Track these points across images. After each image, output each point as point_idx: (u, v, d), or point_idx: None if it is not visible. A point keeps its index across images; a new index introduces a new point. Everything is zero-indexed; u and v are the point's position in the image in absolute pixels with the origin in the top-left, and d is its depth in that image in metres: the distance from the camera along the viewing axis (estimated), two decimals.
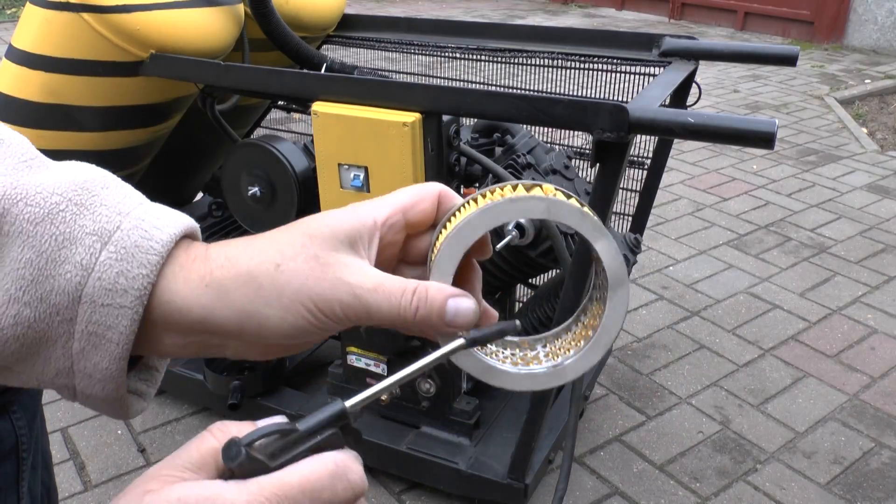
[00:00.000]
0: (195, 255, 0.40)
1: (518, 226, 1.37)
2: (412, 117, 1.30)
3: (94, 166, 0.42)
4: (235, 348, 0.42)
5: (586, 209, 0.44)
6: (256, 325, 0.40)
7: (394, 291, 0.39)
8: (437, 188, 0.44)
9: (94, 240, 0.38)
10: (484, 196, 0.43)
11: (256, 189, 1.59)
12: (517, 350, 0.46)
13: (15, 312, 0.38)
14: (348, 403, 0.38)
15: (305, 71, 1.60)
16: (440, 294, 0.39)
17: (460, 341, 0.40)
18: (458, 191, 1.59)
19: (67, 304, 0.38)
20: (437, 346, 0.41)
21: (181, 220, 0.41)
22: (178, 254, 0.40)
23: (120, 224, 0.39)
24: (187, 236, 0.42)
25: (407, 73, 1.95)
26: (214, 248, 0.41)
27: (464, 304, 0.40)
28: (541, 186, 0.43)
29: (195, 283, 0.40)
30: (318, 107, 1.37)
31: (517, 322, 0.42)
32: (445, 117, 1.39)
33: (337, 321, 0.40)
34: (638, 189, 1.82)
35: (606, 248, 0.43)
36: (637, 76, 1.61)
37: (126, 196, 0.41)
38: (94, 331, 0.38)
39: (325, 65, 1.66)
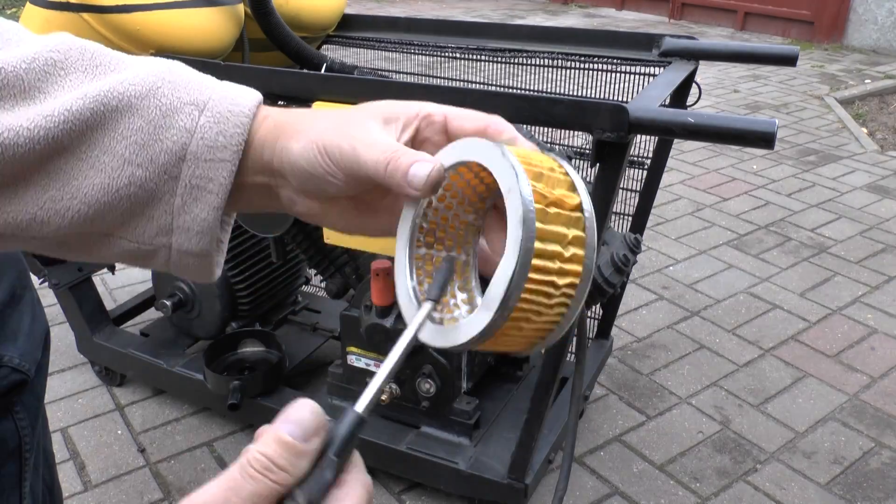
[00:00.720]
0: (266, 112, 0.48)
1: None
2: None
3: (168, 60, 0.49)
4: (287, 196, 0.48)
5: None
6: (287, 159, 0.46)
7: (382, 149, 0.43)
8: (490, 117, 0.46)
9: (192, 108, 0.45)
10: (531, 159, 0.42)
11: None
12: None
13: (129, 173, 0.44)
14: (360, 409, 0.37)
15: (305, 71, 1.60)
16: (410, 157, 0.43)
17: (426, 307, 0.42)
18: None
19: (174, 162, 0.45)
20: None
21: (254, 92, 0.49)
22: (256, 115, 0.47)
23: (211, 96, 0.46)
24: (260, 103, 0.49)
25: (407, 73, 1.95)
26: (282, 109, 0.49)
27: (423, 168, 0.42)
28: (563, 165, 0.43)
29: (268, 132, 0.47)
30: (318, 107, 1.37)
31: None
32: None
33: (337, 166, 0.44)
34: (638, 189, 1.82)
35: (507, 251, 0.39)
36: (637, 76, 1.61)
37: (205, 76, 0.49)
38: (197, 184, 0.45)
39: (325, 65, 1.66)
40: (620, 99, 1.57)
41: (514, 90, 1.74)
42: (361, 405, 0.37)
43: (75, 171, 0.44)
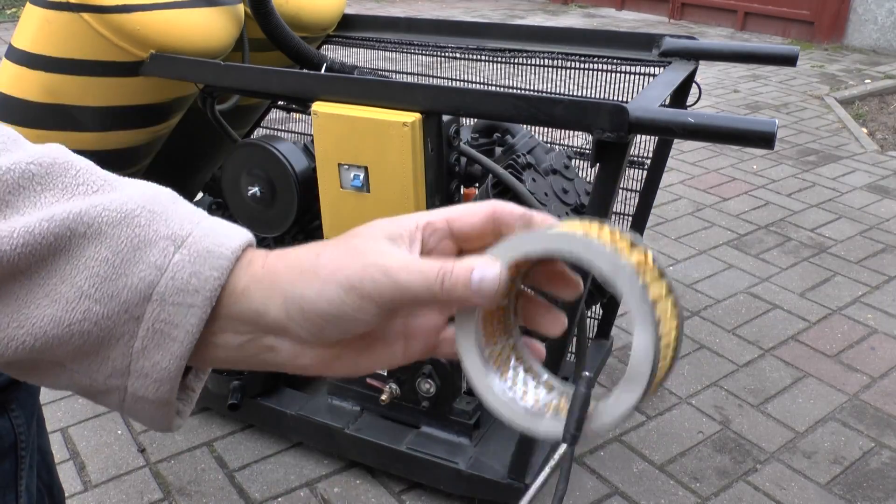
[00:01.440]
0: (251, 258, 0.43)
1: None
2: (412, 117, 1.30)
3: (158, 185, 0.45)
4: (287, 350, 0.43)
5: (641, 280, 0.40)
6: (298, 307, 0.41)
7: (423, 267, 0.40)
8: (490, 204, 0.44)
9: (167, 243, 0.41)
10: (596, 231, 0.42)
11: (256, 189, 1.59)
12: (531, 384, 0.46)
13: (85, 308, 0.39)
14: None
15: (305, 71, 1.60)
16: (467, 264, 0.40)
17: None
18: (457, 190, 1.59)
19: (137, 301, 0.40)
20: None
21: (245, 233, 0.44)
22: (241, 260, 0.43)
23: (192, 231, 0.42)
24: (249, 246, 0.44)
25: (407, 73, 1.95)
26: (272, 252, 0.44)
27: (489, 271, 0.40)
28: (643, 252, 0.42)
29: (253, 279, 0.42)
30: (318, 107, 1.37)
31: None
32: (445, 117, 1.39)
33: (370, 300, 0.40)
34: (638, 189, 1.82)
35: (642, 338, 0.39)
36: (637, 76, 1.61)
37: (194, 209, 0.44)
38: (160, 328, 0.40)
39: (325, 65, 1.66)
40: (620, 99, 1.57)
41: (514, 90, 1.74)
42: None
43: (29, 298, 0.39)
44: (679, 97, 1.61)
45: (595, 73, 1.64)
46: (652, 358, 0.39)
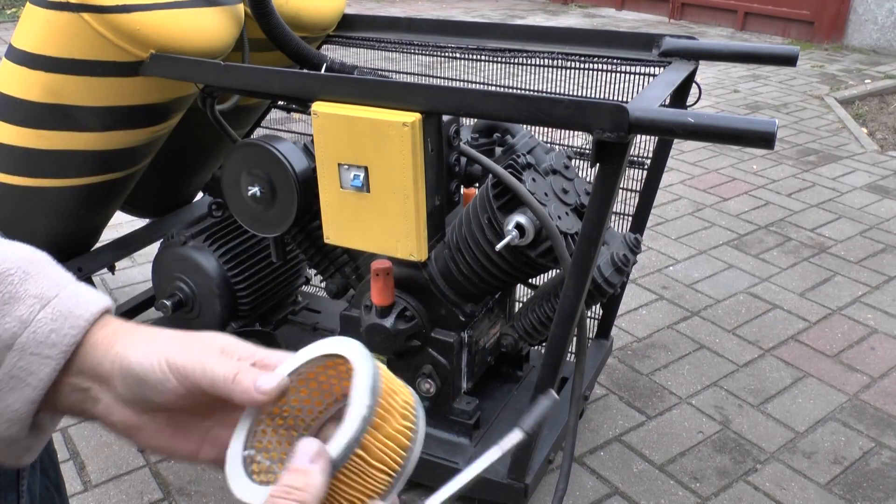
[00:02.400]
0: (107, 321, 0.50)
1: (518, 225, 1.37)
2: (412, 117, 1.30)
3: (36, 249, 0.51)
4: (105, 404, 0.49)
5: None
6: (120, 363, 0.48)
7: (231, 364, 0.48)
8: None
9: (34, 301, 0.46)
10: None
11: (257, 189, 1.59)
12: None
13: None
14: None
15: (305, 71, 1.60)
16: (256, 372, 0.48)
17: (518, 435, 0.52)
18: (457, 190, 1.59)
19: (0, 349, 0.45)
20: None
21: (104, 299, 0.50)
22: (98, 326, 0.49)
23: (59, 293, 0.47)
24: (107, 312, 0.51)
25: (407, 73, 1.95)
26: (127, 322, 0.51)
27: (270, 380, 0.48)
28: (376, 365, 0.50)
29: (102, 337, 0.49)
30: (318, 107, 1.37)
31: (554, 396, 0.51)
32: (445, 117, 1.39)
33: (180, 377, 0.47)
34: (638, 189, 1.82)
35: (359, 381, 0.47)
36: (637, 76, 1.61)
37: (63, 273, 0.50)
38: (17, 374, 0.45)
39: (325, 65, 1.66)
40: (620, 99, 1.57)
41: (514, 90, 1.74)
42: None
43: None
44: (679, 97, 1.61)
45: (595, 73, 1.64)
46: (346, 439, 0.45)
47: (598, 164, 1.22)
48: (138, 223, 2.48)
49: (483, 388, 1.81)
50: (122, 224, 2.77)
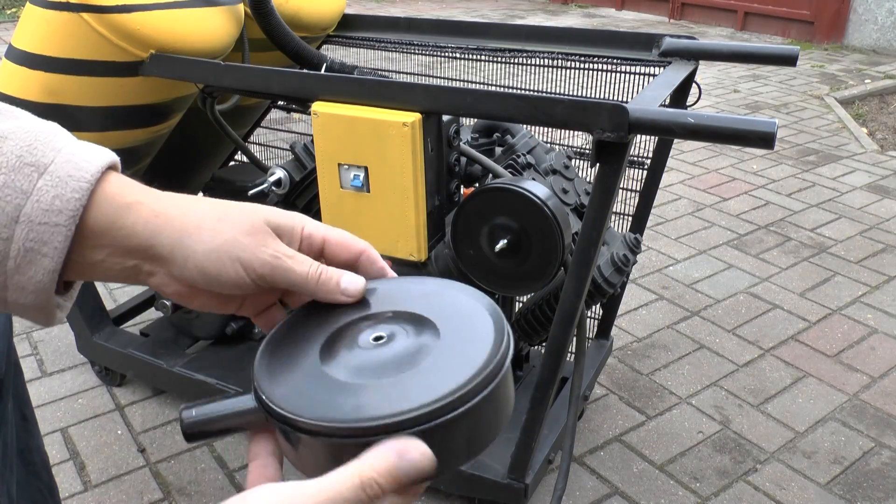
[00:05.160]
0: (127, 187, 0.48)
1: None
2: (412, 117, 1.30)
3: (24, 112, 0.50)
4: (160, 277, 0.49)
5: None
6: (185, 256, 0.48)
7: (306, 261, 0.49)
8: (361, 246, 0.53)
9: (31, 170, 0.45)
10: None
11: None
12: None
13: None
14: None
15: (305, 71, 1.60)
16: (336, 271, 0.50)
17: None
18: (457, 190, 1.59)
19: (6, 223, 0.44)
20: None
21: (106, 154, 0.48)
22: (106, 183, 0.47)
23: (55, 158, 0.46)
24: (111, 168, 0.49)
25: (407, 73, 1.95)
26: (155, 192, 0.50)
27: (356, 281, 0.50)
28: None
29: (145, 214, 0.47)
30: (318, 107, 1.37)
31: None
32: (445, 117, 1.39)
33: (255, 276, 0.48)
34: (638, 189, 1.82)
35: None
36: (637, 76, 1.61)
37: (58, 136, 0.48)
38: (31, 247, 0.44)
39: (325, 65, 1.66)
40: (620, 99, 1.57)
41: (514, 90, 1.74)
42: None
43: None
44: (679, 97, 1.61)
45: (595, 73, 1.64)
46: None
47: (598, 164, 1.22)
48: None
49: None
50: None
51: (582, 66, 1.65)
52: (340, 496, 0.37)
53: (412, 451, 0.39)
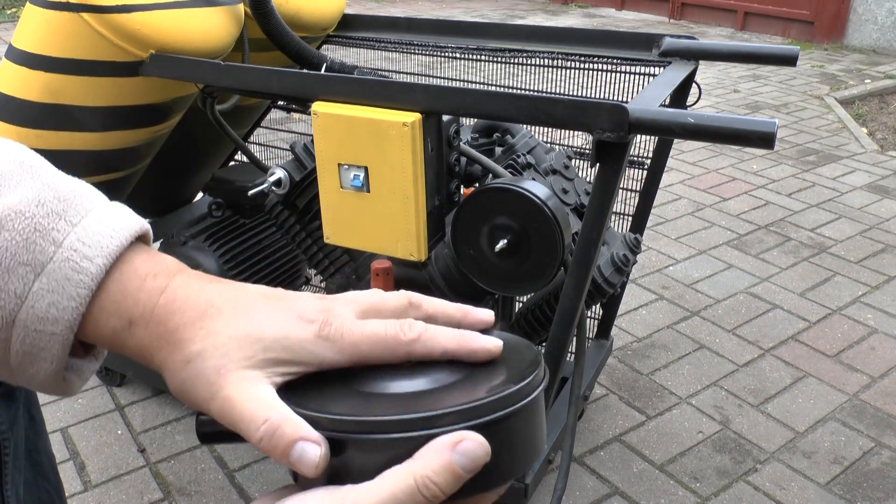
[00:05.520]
0: (165, 279, 0.43)
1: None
2: (412, 117, 1.30)
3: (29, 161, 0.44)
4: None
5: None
6: (158, 365, 0.44)
7: (254, 415, 0.39)
8: (463, 310, 0.46)
9: (27, 270, 0.41)
10: None
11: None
12: None
13: None
14: None
15: (305, 71, 1.60)
16: (292, 434, 0.38)
17: None
18: (457, 190, 1.59)
19: (2, 326, 0.41)
20: None
21: (119, 235, 0.43)
22: (122, 266, 0.43)
23: (53, 255, 0.41)
24: (139, 239, 0.44)
25: (407, 73, 1.95)
26: (168, 291, 0.43)
27: (310, 451, 0.38)
28: None
29: (142, 317, 0.43)
30: (317, 107, 1.37)
31: None
32: (445, 117, 1.39)
33: (193, 404, 0.42)
34: (638, 189, 1.82)
35: None
36: (637, 76, 1.61)
37: (63, 214, 0.43)
38: (29, 350, 0.42)
39: (325, 65, 1.66)
40: (620, 99, 1.57)
41: (514, 90, 1.74)
42: None
43: None
44: (679, 97, 1.61)
45: (595, 73, 1.64)
46: None
47: (598, 164, 1.22)
48: None
49: None
50: None
51: (582, 66, 1.65)
52: (395, 500, 0.35)
53: (466, 442, 0.36)
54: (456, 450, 0.36)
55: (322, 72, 1.64)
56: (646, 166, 1.79)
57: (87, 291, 0.41)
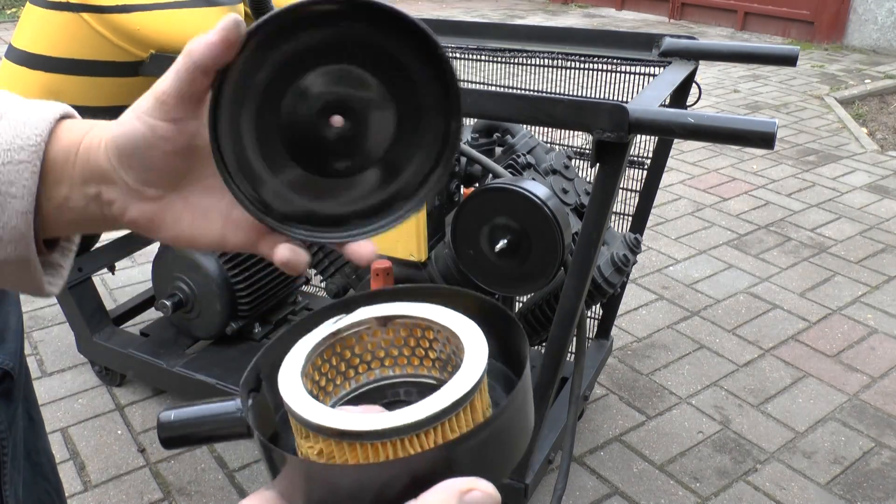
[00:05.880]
0: (71, 125, 0.47)
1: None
2: None
3: None
4: (119, 202, 0.46)
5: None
6: (110, 143, 0.45)
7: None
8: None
9: None
10: None
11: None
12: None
13: None
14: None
15: None
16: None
17: None
18: (457, 190, 1.59)
19: None
20: None
21: (61, 105, 0.47)
22: (62, 121, 0.46)
23: (7, 110, 0.46)
24: (65, 116, 0.48)
25: None
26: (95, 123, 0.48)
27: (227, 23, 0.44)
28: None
29: (86, 142, 0.46)
30: None
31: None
32: None
33: (163, 95, 0.44)
34: (638, 189, 1.82)
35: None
36: (637, 76, 1.61)
37: (8, 93, 0.48)
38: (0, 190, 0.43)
39: None
40: (620, 99, 1.57)
41: (514, 90, 1.74)
42: None
43: None
44: (679, 97, 1.61)
45: (595, 73, 1.64)
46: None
47: (598, 164, 1.22)
48: None
49: None
50: None
51: (582, 66, 1.65)
52: None
53: (476, 491, 0.34)
54: (464, 500, 0.35)
55: None
56: (646, 166, 1.79)
57: (46, 123, 0.45)
